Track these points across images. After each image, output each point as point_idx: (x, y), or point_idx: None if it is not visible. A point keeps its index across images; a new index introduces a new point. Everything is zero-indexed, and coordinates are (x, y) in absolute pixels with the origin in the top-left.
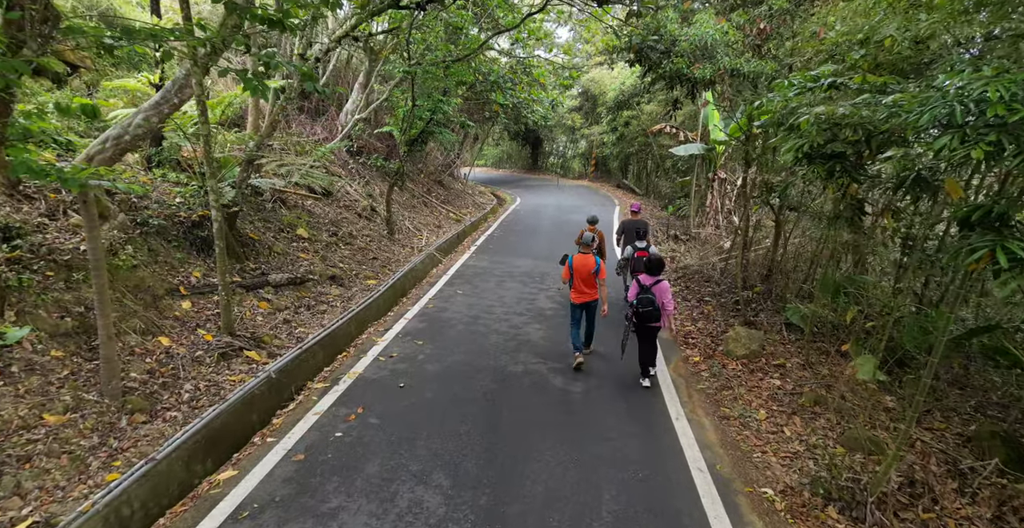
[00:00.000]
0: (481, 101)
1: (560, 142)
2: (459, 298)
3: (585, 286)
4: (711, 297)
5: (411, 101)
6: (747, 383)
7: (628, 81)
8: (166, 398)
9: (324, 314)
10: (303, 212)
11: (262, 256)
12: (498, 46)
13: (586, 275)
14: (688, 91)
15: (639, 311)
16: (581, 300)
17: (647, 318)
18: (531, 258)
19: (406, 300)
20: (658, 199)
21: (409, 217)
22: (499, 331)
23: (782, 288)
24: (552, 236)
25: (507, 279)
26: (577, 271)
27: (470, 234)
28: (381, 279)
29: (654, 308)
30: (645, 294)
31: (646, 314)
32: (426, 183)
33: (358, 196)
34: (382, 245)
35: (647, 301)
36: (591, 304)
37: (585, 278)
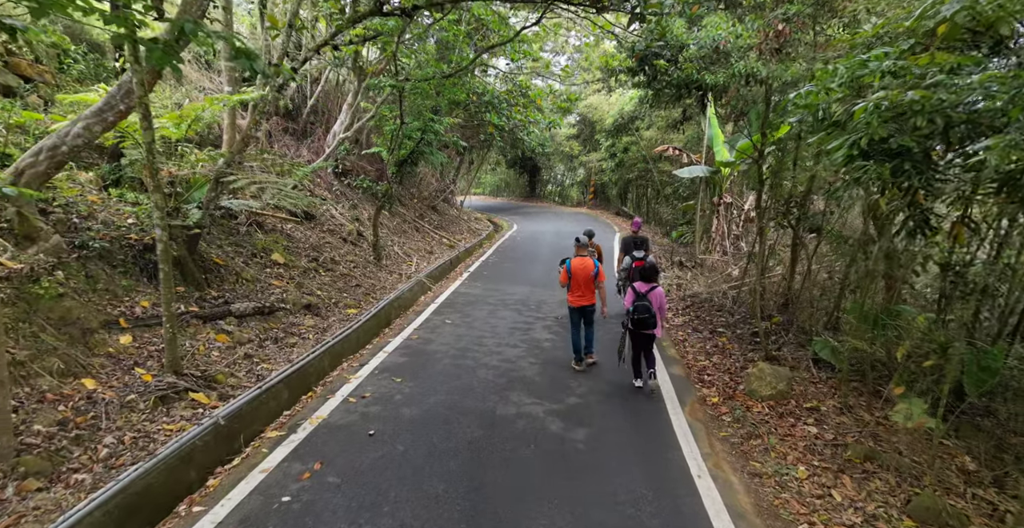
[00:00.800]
0: (476, 123)
1: (558, 170)
2: (447, 328)
3: (583, 290)
4: (725, 328)
5: (399, 119)
6: (777, 430)
7: (627, 107)
8: (76, 456)
9: (293, 348)
10: (281, 236)
11: (227, 283)
12: (494, 70)
13: (585, 278)
14: (698, 100)
15: (635, 318)
16: (579, 304)
17: (643, 325)
18: (527, 285)
19: (388, 331)
20: (659, 226)
21: (399, 242)
22: (489, 366)
23: (805, 319)
24: (550, 263)
25: (500, 307)
26: (575, 275)
27: (464, 260)
28: (363, 308)
29: (650, 315)
30: (641, 301)
31: (642, 321)
32: (419, 208)
33: (344, 220)
34: (367, 271)
35: (643, 308)
36: (589, 308)
37: (584, 282)
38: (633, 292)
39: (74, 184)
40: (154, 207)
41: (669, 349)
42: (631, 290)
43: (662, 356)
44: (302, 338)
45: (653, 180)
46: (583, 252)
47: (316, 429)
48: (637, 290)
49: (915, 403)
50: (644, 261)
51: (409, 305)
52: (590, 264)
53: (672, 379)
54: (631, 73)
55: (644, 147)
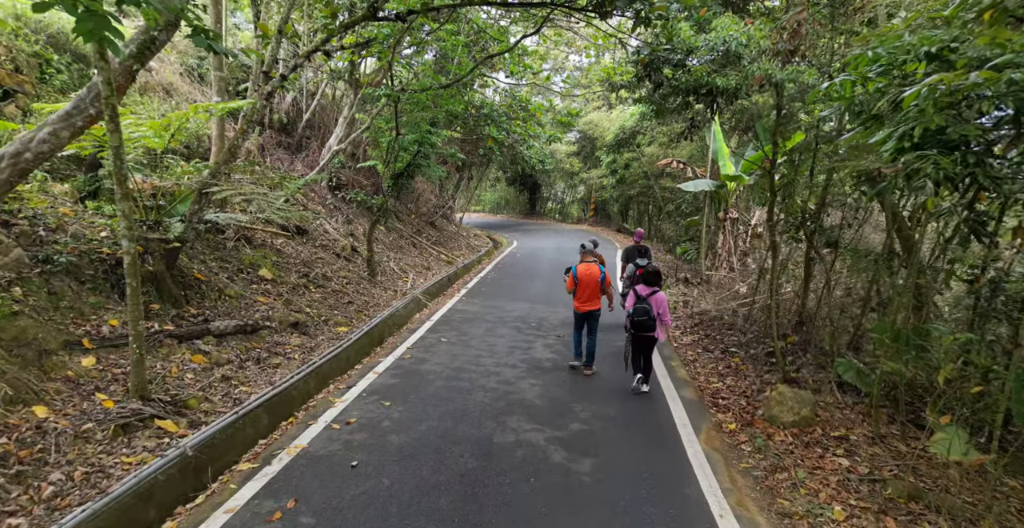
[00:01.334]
0: (475, 137)
1: (558, 187)
2: (442, 347)
3: (589, 295)
4: (737, 348)
5: (395, 131)
6: (805, 462)
7: (628, 123)
8: (14, 496)
9: (277, 368)
10: (271, 251)
11: (208, 300)
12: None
13: (591, 284)
14: (708, 106)
15: (635, 320)
16: (584, 309)
17: (643, 327)
18: (527, 302)
19: (380, 350)
20: (661, 242)
21: (395, 258)
22: (486, 388)
23: (824, 338)
24: (551, 279)
25: (499, 325)
26: (581, 280)
27: (462, 277)
28: (354, 326)
29: (649, 317)
30: (641, 304)
31: (641, 323)
32: (416, 224)
33: (337, 235)
34: (360, 288)
35: (642, 311)
36: (593, 314)
37: (590, 287)
38: (635, 295)
39: (46, 196)
40: (121, 216)
41: (679, 370)
42: (632, 293)
43: (672, 377)
44: (287, 358)
45: (655, 196)
46: (589, 258)
47: (294, 460)
48: (639, 293)
49: (957, 434)
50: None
51: (403, 323)
52: (596, 270)
53: (684, 403)
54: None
55: (645, 163)
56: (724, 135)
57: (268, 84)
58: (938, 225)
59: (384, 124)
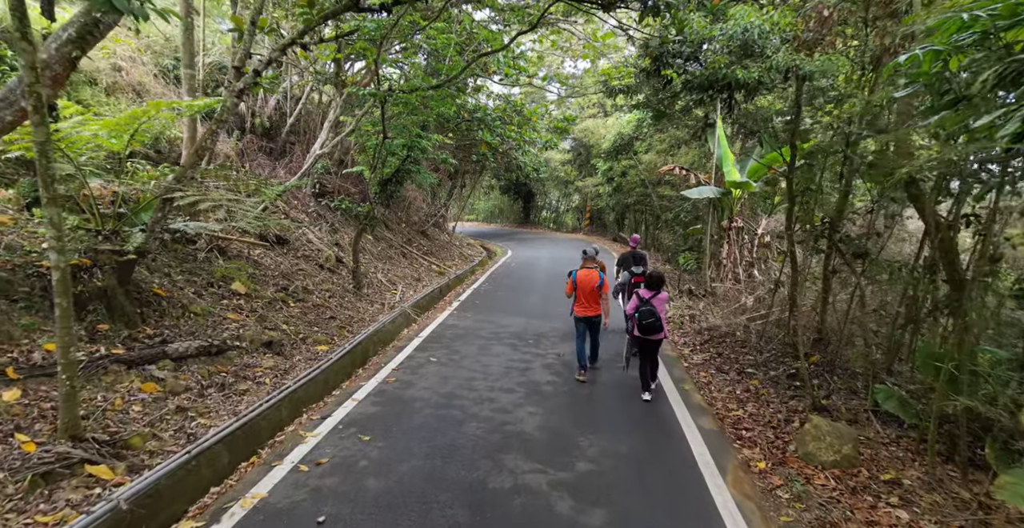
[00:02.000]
0: (468, 143)
1: (552, 196)
2: (431, 368)
3: (589, 300)
4: (754, 369)
5: (382, 133)
6: (855, 514)
7: (626, 129)
8: None
9: (244, 395)
10: (246, 263)
11: (169, 318)
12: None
13: (590, 289)
14: (726, 102)
15: (641, 323)
16: (584, 314)
17: (650, 330)
18: (523, 316)
19: (362, 372)
20: (659, 252)
21: (383, 269)
22: (479, 417)
23: (850, 358)
24: (547, 291)
25: (494, 342)
26: (581, 285)
27: (454, 288)
28: (336, 344)
29: (656, 319)
30: (646, 307)
31: (648, 326)
32: (407, 233)
33: (321, 245)
34: (345, 301)
35: (648, 313)
36: (595, 318)
37: (589, 292)
38: (638, 298)
39: None
40: (48, 225)
41: (693, 395)
42: (635, 296)
43: (686, 403)
44: (256, 383)
45: (652, 205)
46: (590, 264)
47: (248, 516)
48: (641, 296)
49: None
50: (643, 277)
51: (390, 339)
52: (595, 276)
53: (703, 435)
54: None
55: (643, 171)
56: (727, 140)
57: (240, 81)
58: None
59: (371, 127)
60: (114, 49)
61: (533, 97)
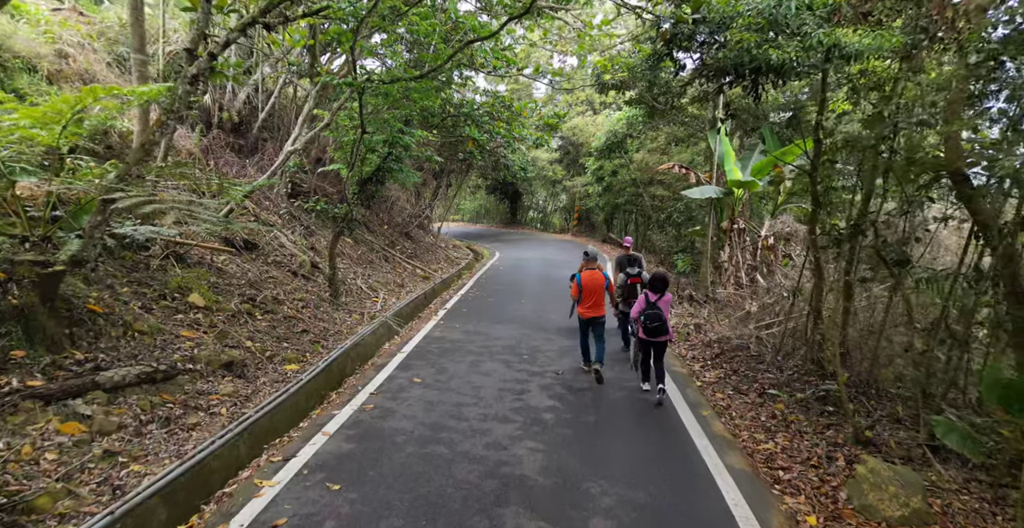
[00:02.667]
0: (453, 140)
1: (540, 196)
2: (414, 391)
3: (595, 301)
4: (776, 389)
5: (360, 128)
6: None
7: (618, 127)
8: None
9: (193, 430)
10: (208, 271)
11: (106, 339)
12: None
13: (596, 291)
14: (752, 88)
15: (648, 326)
16: (590, 315)
17: (657, 332)
18: (516, 325)
19: (336, 396)
20: (652, 254)
21: (364, 275)
22: (471, 457)
23: (883, 378)
24: (540, 296)
25: (485, 357)
26: (586, 287)
27: (440, 294)
28: (307, 362)
29: (662, 322)
30: (652, 309)
31: (655, 329)
32: (389, 235)
33: (295, 249)
34: (320, 312)
35: (655, 316)
36: (600, 319)
37: (595, 293)
38: (645, 300)
39: None
40: None
41: (714, 423)
42: (642, 298)
43: (708, 434)
44: (210, 414)
45: (643, 205)
46: (592, 265)
47: None
48: (649, 299)
49: None
50: (640, 277)
51: (370, 355)
52: (600, 277)
53: (735, 477)
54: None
55: (634, 170)
56: (729, 135)
57: (193, 65)
58: None
59: (348, 122)
60: (60, 34)
61: (520, 94)
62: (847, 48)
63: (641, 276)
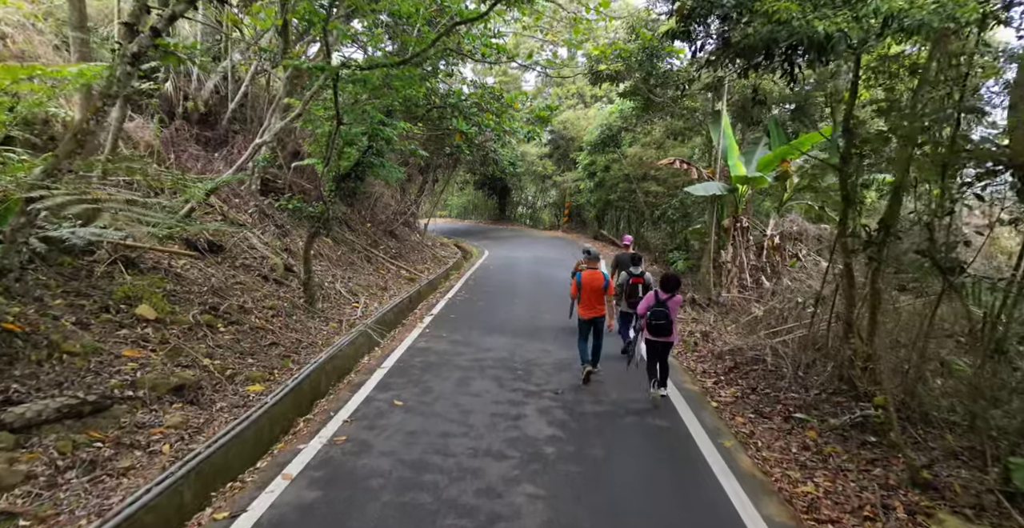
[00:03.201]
0: (440, 133)
1: (529, 191)
2: (395, 417)
3: (595, 301)
4: (803, 411)
5: (335, 119)
6: None
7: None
8: None
9: (125, 476)
10: (165, 277)
11: (23, 364)
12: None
13: (595, 290)
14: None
15: (652, 324)
16: (590, 315)
17: (661, 331)
18: (508, 334)
19: (304, 425)
20: (646, 252)
21: (344, 277)
22: (460, 507)
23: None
24: (533, 299)
25: (474, 373)
26: (586, 287)
27: (426, 297)
28: (275, 381)
29: (667, 321)
30: (659, 307)
31: (660, 327)
32: (372, 234)
33: (267, 251)
34: (293, 321)
35: (661, 314)
36: (600, 319)
37: (594, 293)
38: (655, 296)
39: None
40: None
41: (739, 457)
42: (651, 295)
43: (735, 472)
44: (149, 453)
45: (637, 201)
46: (593, 264)
47: None
48: (659, 297)
49: None
50: (642, 278)
51: (346, 371)
52: (600, 276)
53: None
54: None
55: (627, 165)
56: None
57: (134, 42)
58: None
59: (323, 112)
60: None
61: (508, 87)
62: (908, 18)
63: (644, 277)
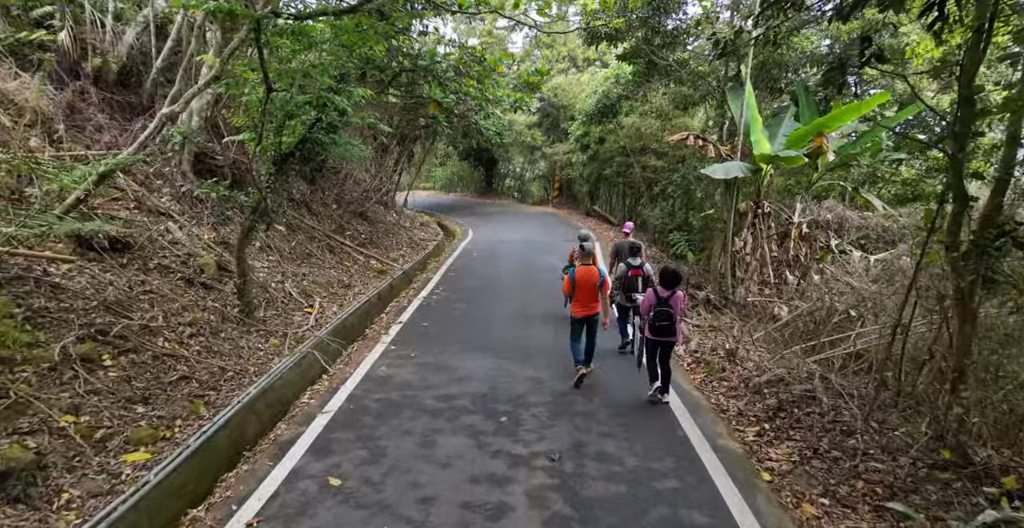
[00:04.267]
0: (414, 101)
1: (517, 163)
2: (323, 513)
3: (588, 299)
4: (896, 494)
5: (265, 84)
6: None
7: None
8: None
9: None
10: (33, 290)
11: None
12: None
13: (590, 287)
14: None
15: (656, 325)
16: (583, 314)
17: (664, 332)
18: (490, 355)
19: (189, 524)
20: (643, 232)
21: (297, 275)
22: None
23: None
24: (522, 300)
25: (443, 421)
26: (580, 284)
27: (398, 294)
28: (172, 442)
29: (671, 322)
30: (662, 307)
31: (663, 327)
32: (339, 217)
33: (198, 246)
34: (220, 340)
35: (664, 315)
36: (593, 318)
37: (589, 291)
38: (654, 295)
39: None
40: None
41: None
42: (652, 293)
43: None
44: None
45: (634, 177)
46: (587, 260)
47: None
48: (660, 295)
49: None
50: (641, 270)
51: (274, 420)
52: (595, 273)
53: None
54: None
55: (624, 137)
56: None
57: None
58: None
59: (252, 74)
60: None
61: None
62: None
63: (643, 268)
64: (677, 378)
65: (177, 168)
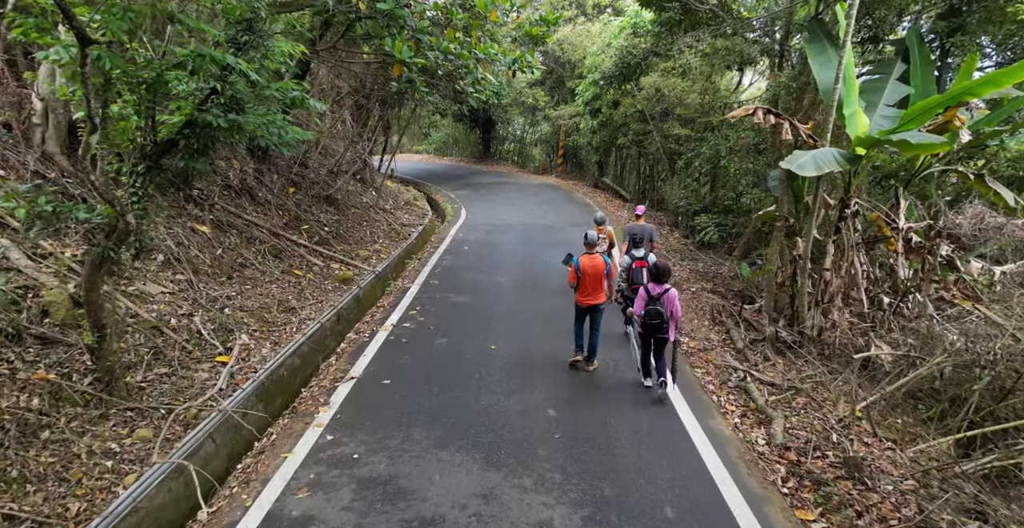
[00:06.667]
0: (382, 61)
1: (517, 125)
2: None
3: (593, 289)
4: None
5: (77, 37)
6: None
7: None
8: None
9: None
10: None
11: None
12: None
13: (596, 277)
14: None
15: (647, 323)
16: (588, 303)
17: (656, 330)
18: (477, 456)
19: None
20: (664, 212)
21: (215, 301)
22: None
23: None
24: (523, 322)
25: None
26: (585, 274)
27: (362, 316)
28: None
29: (663, 320)
30: (653, 305)
31: (655, 326)
32: (295, 206)
33: (45, 273)
34: (33, 448)
35: (655, 313)
36: (598, 307)
37: (595, 280)
38: (646, 293)
39: None
40: None
41: None
42: (643, 291)
43: None
44: None
45: (655, 147)
46: (592, 250)
47: None
48: (650, 293)
49: None
50: (646, 261)
51: None
52: (601, 262)
53: None
54: None
55: (641, 99)
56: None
57: None
58: None
59: (89, 13)
60: None
61: None
62: None
63: (647, 259)
64: None
65: (37, 148)
